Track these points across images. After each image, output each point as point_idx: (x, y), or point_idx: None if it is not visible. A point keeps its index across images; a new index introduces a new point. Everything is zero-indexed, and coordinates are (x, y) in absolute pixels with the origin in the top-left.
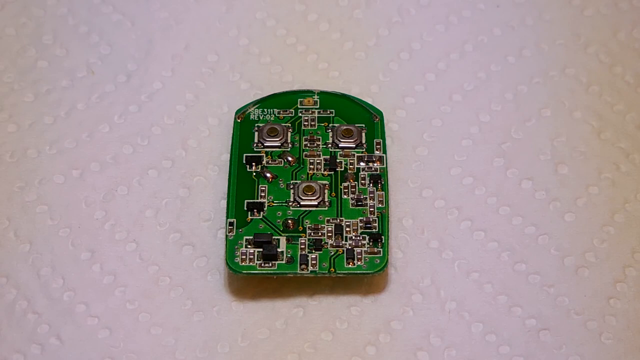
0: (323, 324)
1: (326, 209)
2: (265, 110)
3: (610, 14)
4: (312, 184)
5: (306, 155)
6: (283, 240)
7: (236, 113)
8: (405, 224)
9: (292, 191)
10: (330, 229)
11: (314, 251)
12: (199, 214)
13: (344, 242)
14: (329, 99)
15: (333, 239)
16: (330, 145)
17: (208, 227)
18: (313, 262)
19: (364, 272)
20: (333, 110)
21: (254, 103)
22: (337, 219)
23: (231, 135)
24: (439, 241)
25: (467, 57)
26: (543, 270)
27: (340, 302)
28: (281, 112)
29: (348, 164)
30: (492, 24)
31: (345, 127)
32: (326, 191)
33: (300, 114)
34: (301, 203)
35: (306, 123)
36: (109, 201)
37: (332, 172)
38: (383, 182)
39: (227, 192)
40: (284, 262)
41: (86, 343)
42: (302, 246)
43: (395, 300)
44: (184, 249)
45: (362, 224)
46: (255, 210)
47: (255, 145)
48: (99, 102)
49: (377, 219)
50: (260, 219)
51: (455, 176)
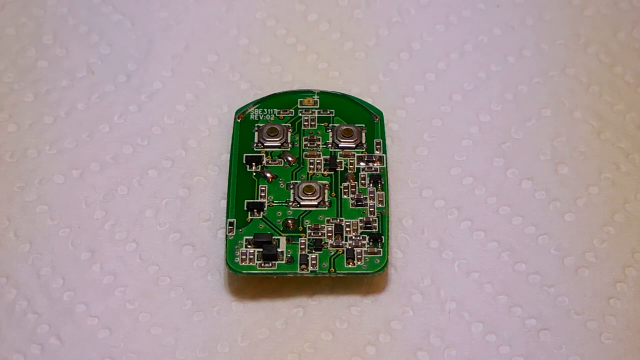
0: (323, 324)
1: (326, 209)
2: (265, 110)
3: (610, 14)
4: (312, 184)
5: (306, 155)
6: (283, 240)
7: (236, 113)
8: (405, 224)
9: (292, 191)
10: (330, 229)
11: (314, 251)
12: (199, 214)
13: (344, 242)
14: (329, 99)
15: (333, 239)
16: (330, 145)
17: (208, 227)
18: (313, 262)
19: (364, 272)
20: (333, 110)
21: (254, 103)
22: (337, 219)
23: (231, 135)
24: (439, 241)
25: (467, 57)
26: (543, 270)
27: (340, 302)
28: (281, 112)
29: (348, 164)
30: (492, 24)
31: (345, 127)
32: (326, 191)
33: (300, 114)
34: (301, 203)
35: (306, 123)
36: (109, 201)
37: (332, 172)
38: (383, 182)
39: (227, 192)
40: (284, 262)
41: (86, 343)
42: (302, 246)
43: (395, 300)
44: (184, 249)
45: (362, 224)
46: (255, 210)
47: (255, 145)
48: (99, 102)
49: (377, 219)
50: (260, 219)
51: (455, 176)
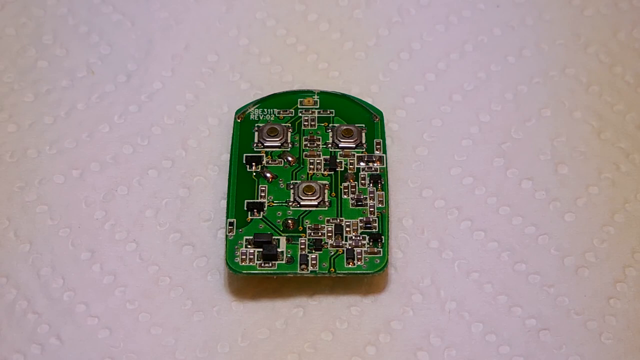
0: (323, 324)
1: (326, 209)
2: (265, 110)
3: (610, 14)
4: (312, 184)
5: (306, 155)
6: (283, 240)
7: (236, 113)
8: (405, 224)
9: (292, 191)
10: (330, 229)
11: (314, 251)
12: (199, 214)
13: (344, 242)
14: (329, 99)
15: (333, 239)
16: (330, 145)
17: (208, 227)
18: (313, 262)
19: (364, 272)
20: (333, 110)
21: (254, 103)
22: (337, 219)
23: (231, 135)
24: (439, 241)
25: (467, 57)
26: (543, 270)
27: (340, 302)
28: (281, 112)
29: (348, 164)
30: (492, 24)
31: (345, 127)
32: (326, 191)
33: (300, 114)
34: (301, 203)
35: (306, 123)
36: (109, 201)
37: (332, 172)
38: (383, 182)
39: (227, 192)
40: (284, 262)
41: (86, 343)
42: (302, 246)
43: (395, 300)
44: (184, 249)
45: (362, 224)
46: (255, 210)
47: (255, 145)
48: (99, 102)
49: (377, 219)
50: (260, 219)
51: (455, 176)
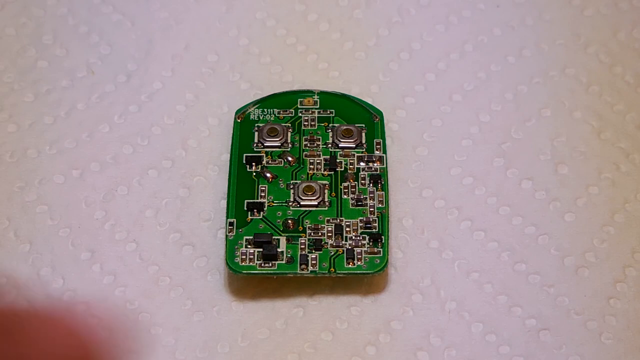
0: (323, 324)
1: (326, 209)
2: (265, 110)
3: (610, 14)
4: (312, 184)
5: (306, 155)
6: (283, 240)
7: (236, 113)
8: (405, 224)
9: (292, 191)
10: (330, 229)
11: (314, 251)
12: (199, 214)
13: (344, 242)
14: (329, 99)
15: (333, 239)
16: (330, 145)
17: (208, 227)
18: (313, 262)
19: (364, 272)
20: (333, 110)
21: (254, 103)
22: (337, 219)
23: (231, 135)
24: (439, 241)
25: (467, 57)
26: (543, 270)
27: (340, 302)
28: (281, 112)
29: (348, 164)
30: (492, 24)
31: (345, 127)
32: (326, 191)
33: (300, 114)
34: (301, 203)
35: (306, 123)
36: (109, 201)
37: (332, 172)
38: (383, 182)
39: (227, 192)
40: (284, 262)
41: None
42: (302, 246)
43: (395, 300)
44: (184, 249)
45: (362, 224)
46: (255, 210)
47: (255, 145)
48: (99, 102)
49: (377, 219)
50: (260, 219)
51: (455, 176)
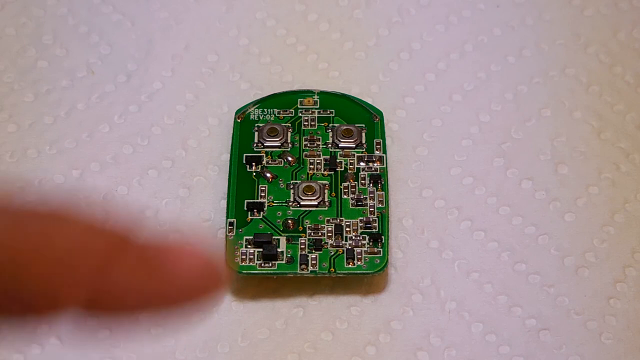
0: (323, 324)
1: (326, 209)
2: (265, 110)
3: (610, 14)
4: (312, 184)
5: (306, 155)
6: (283, 240)
7: (236, 113)
8: (405, 224)
9: (292, 191)
10: (330, 229)
11: (314, 251)
12: (199, 214)
13: (344, 242)
14: (329, 99)
15: (333, 239)
16: (330, 145)
17: (208, 227)
18: (313, 262)
19: (364, 272)
20: (333, 110)
21: (254, 103)
22: (337, 219)
23: (231, 135)
24: (439, 241)
25: (467, 57)
26: (543, 270)
27: (340, 302)
28: (281, 112)
29: (348, 164)
30: (492, 24)
31: (345, 127)
32: (326, 191)
33: (300, 114)
34: (301, 203)
35: (306, 123)
36: (109, 201)
37: (332, 172)
38: (383, 182)
39: (227, 192)
40: (284, 262)
41: (86, 343)
42: (302, 246)
43: (395, 300)
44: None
45: (362, 224)
46: (255, 210)
47: (255, 145)
48: (99, 102)
49: (377, 219)
50: (260, 219)
51: (455, 176)
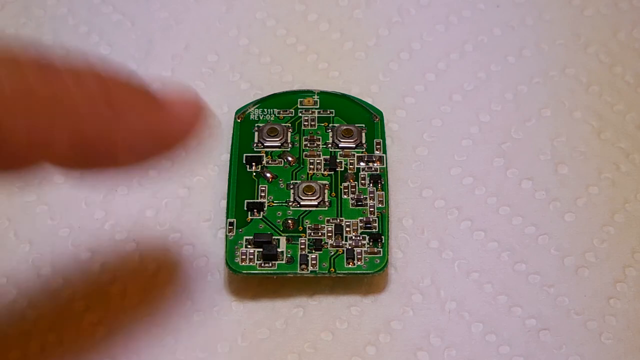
0: (323, 324)
1: (326, 209)
2: (265, 110)
3: (610, 14)
4: (312, 184)
5: (306, 155)
6: (283, 240)
7: (236, 113)
8: (405, 224)
9: (292, 191)
10: (330, 229)
11: (314, 251)
12: (199, 214)
13: (344, 242)
14: (329, 99)
15: (333, 239)
16: (330, 145)
17: (208, 227)
18: (313, 262)
19: (364, 272)
20: (333, 110)
21: (254, 103)
22: (337, 219)
23: (231, 135)
24: (439, 241)
25: (467, 57)
26: (543, 270)
27: (340, 302)
28: (281, 112)
29: (348, 164)
30: (492, 24)
31: (345, 127)
32: (326, 191)
33: (300, 114)
34: (301, 203)
35: (306, 123)
36: (109, 201)
37: (332, 172)
38: (383, 182)
39: (227, 192)
40: (284, 262)
41: (86, 343)
42: (302, 246)
43: (395, 300)
44: (184, 249)
45: (362, 224)
46: (255, 210)
47: (255, 145)
48: None
49: (377, 219)
50: (260, 219)
51: (455, 176)
